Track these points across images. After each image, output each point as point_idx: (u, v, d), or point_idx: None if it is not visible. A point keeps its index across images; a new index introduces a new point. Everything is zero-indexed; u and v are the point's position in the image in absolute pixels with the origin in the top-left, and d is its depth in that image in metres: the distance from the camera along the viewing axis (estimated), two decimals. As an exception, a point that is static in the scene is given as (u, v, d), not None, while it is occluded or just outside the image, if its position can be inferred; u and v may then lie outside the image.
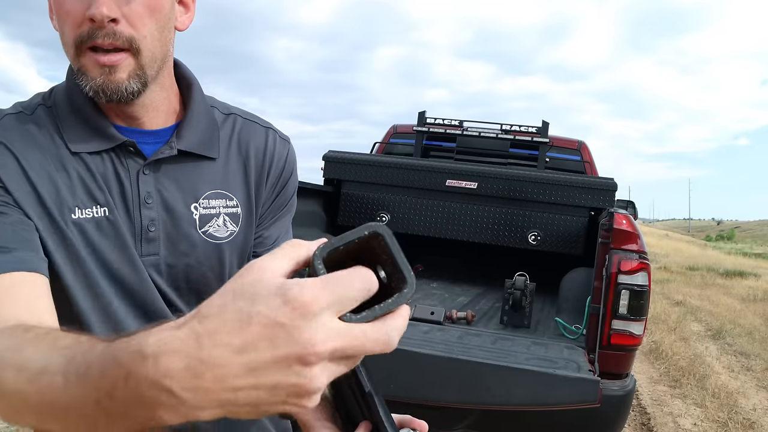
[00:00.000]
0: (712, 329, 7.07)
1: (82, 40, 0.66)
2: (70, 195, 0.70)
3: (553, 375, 1.97)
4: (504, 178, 3.21)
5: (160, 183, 0.75)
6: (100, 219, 0.72)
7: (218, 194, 0.79)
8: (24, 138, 0.70)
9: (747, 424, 3.95)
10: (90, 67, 0.68)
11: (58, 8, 0.68)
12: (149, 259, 0.74)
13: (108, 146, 0.73)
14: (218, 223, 0.78)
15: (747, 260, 19.10)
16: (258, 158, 0.82)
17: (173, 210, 0.76)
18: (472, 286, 3.54)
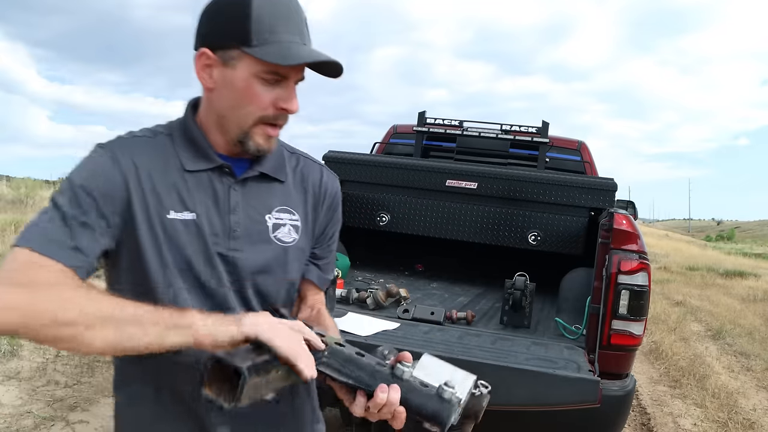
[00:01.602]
0: (712, 329, 7.07)
1: (266, 119, 0.94)
2: (169, 201, 0.94)
3: (553, 375, 1.97)
4: (504, 178, 3.20)
5: (244, 197, 1.00)
6: (187, 221, 0.95)
7: (285, 209, 1.04)
8: (146, 157, 0.95)
9: (747, 424, 3.95)
10: (259, 135, 0.95)
11: (248, 91, 0.92)
12: (234, 253, 0.97)
13: (211, 166, 0.98)
14: (285, 231, 1.03)
15: (747, 260, 19.10)
16: (315, 188, 1.09)
17: (253, 218, 1.00)
18: (472, 286, 3.54)
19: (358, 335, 2.18)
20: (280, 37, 0.90)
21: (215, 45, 0.92)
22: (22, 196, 11.40)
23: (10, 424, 2.95)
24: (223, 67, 0.92)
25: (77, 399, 3.31)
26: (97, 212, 0.89)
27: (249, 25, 0.89)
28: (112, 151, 0.93)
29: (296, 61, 0.90)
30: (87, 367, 3.78)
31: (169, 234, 0.93)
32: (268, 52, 0.89)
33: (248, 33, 0.89)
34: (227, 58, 0.91)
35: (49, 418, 3.05)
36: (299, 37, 0.93)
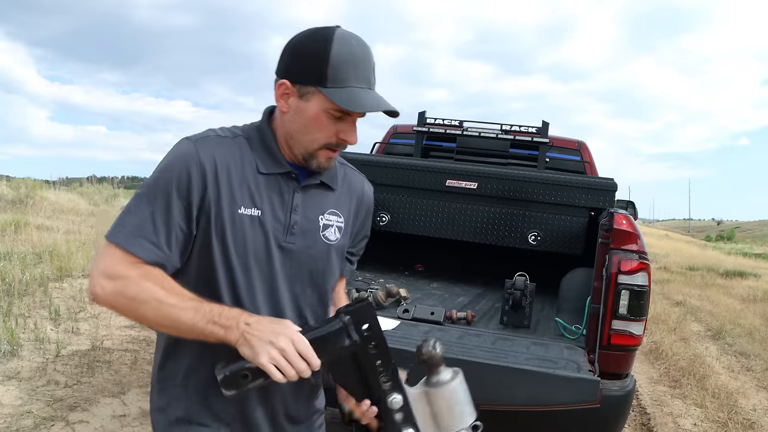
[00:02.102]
0: (712, 329, 7.07)
1: (329, 145, 1.12)
2: (241, 197, 1.11)
3: (553, 375, 1.97)
4: (504, 178, 3.20)
5: (304, 200, 1.18)
6: (253, 216, 1.12)
7: (334, 213, 1.23)
8: (226, 155, 1.11)
9: (747, 424, 3.95)
10: (322, 156, 1.14)
11: (317, 122, 1.09)
12: (289, 245, 1.15)
13: (281, 171, 1.15)
14: (331, 231, 1.22)
15: (747, 260, 19.09)
16: (358, 196, 1.30)
17: (309, 217, 1.19)
18: (472, 286, 3.54)
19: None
20: (350, 83, 1.07)
21: (295, 79, 1.09)
22: (22, 196, 11.40)
23: (10, 424, 2.95)
24: (299, 98, 1.09)
25: (77, 399, 3.30)
26: (180, 207, 1.07)
27: (326, 69, 1.06)
28: (195, 146, 1.09)
29: (360, 109, 1.08)
30: (87, 367, 3.78)
31: (237, 226, 1.10)
32: (339, 97, 1.06)
33: (324, 76, 1.06)
34: (304, 92, 1.09)
35: (49, 418, 3.05)
36: (366, 83, 1.09)
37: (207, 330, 1.01)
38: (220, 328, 1.01)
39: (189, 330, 1.03)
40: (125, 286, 1.03)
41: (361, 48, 1.09)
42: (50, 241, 6.85)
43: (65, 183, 16.95)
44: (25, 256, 5.90)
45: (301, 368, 0.98)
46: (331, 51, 1.06)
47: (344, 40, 1.07)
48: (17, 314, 4.40)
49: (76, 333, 4.43)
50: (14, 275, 5.03)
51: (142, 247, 1.04)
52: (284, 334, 0.99)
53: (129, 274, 1.03)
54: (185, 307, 1.02)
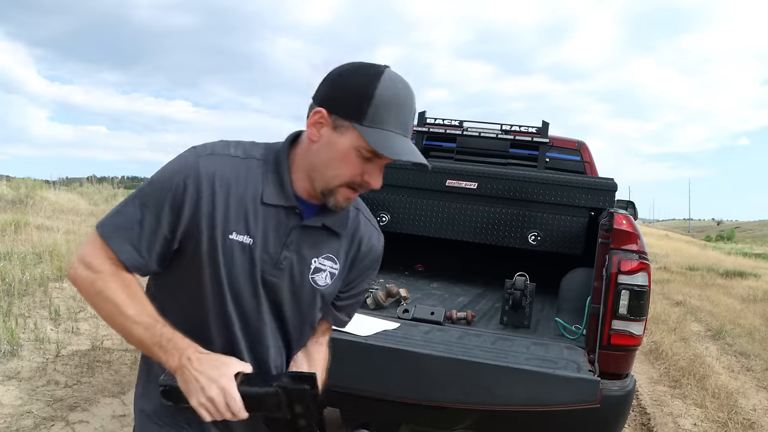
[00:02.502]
0: (712, 329, 7.07)
1: (352, 183, 1.07)
2: (235, 222, 1.07)
3: (553, 375, 1.97)
4: (504, 178, 3.20)
5: (301, 239, 1.12)
6: (244, 244, 1.08)
7: (330, 258, 1.17)
8: (230, 177, 1.07)
9: (747, 424, 3.95)
10: (341, 195, 1.08)
11: (346, 158, 1.04)
12: (272, 279, 1.11)
13: (285, 205, 1.10)
14: (322, 276, 1.17)
15: (747, 260, 19.09)
16: (363, 246, 1.22)
17: (302, 257, 1.13)
18: (472, 286, 3.54)
19: (358, 335, 2.18)
20: (389, 127, 1.02)
21: (333, 110, 1.04)
22: (22, 196, 11.39)
23: (10, 424, 2.95)
24: (332, 130, 1.05)
25: (77, 399, 3.30)
26: (170, 220, 1.05)
27: (367, 107, 1.01)
28: (199, 161, 1.07)
29: (394, 156, 1.02)
30: (87, 367, 3.79)
31: (227, 252, 1.07)
32: (373, 138, 1.01)
33: (364, 113, 1.01)
34: (338, 124, 1.04)
35: (49, 418, 3.05)
36: (403, 130, 1.05)
37: (152, 351, 1.04)
38: (163, 354, 1.02)
39: (136, 344, 1.06)
40: (95, 279, 1.05)
41: (406, 92, 1.05)
42: (50, 241, 6.84)
43: (65, 183, 16.96)
44: (25, 256, 5.90)
45: (228, 418, 1.00)
46: (377, 89, 1.01)
47: (392, 82, 1.03)
48: (17, 314, 4.40)
49: (76, 333, 4.43)
50: (14, 275, 5.03)
51: (124, 248, 1.05)
52: (218, 383, 0.99)
53: (102, 270, 1.05)
54: (139, 321, 1.03)
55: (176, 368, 1.01)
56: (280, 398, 1.03)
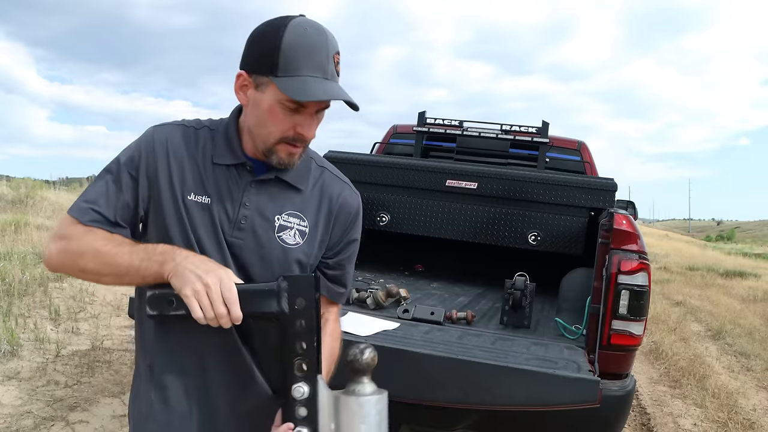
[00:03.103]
0: (712, 329, 7.07)
1: (286, 139, 1.06)
2: (192, 184, 1.09)
3: (553, 375, 1.97)
4: (504, 178, 3.20)
5: (259, 195, 1.12)
6: (203, 204, 1.09)
7: (295, 215, 1.14)
8: (181, 142, 1.11)
9: (747, 424, 3.95)
10: (282, 151, 1.07)
11: (271, 114, 1.04)
12: (236, 240, 1.10)
13: (235, 162, 1.11)
14: (290, 234, 1.13)
15: (747, 260, 19.09)
16: (332, 201, 1.18)
17: (263, 215, 1.12)
18: (472, 286, 3.54)
19: (358, 335, 2.18)
20: (302, 72, 1.01)
21: (251, 69, 1.05)
22: (22, 196, 11.39)
23: (10, 424, 2.95)
24: (255, 90, 1.05)
25: (77, 399, 3.30)
26: (130, 185, 1.08)
27: (277, 57, 1.01)
28: (153, 130, 1.12)
29: (306, 98, 1.00)
30: (87, 367, 3.79)
31: (189, 211, 1.08)
32: (287, 86, 1.00)
33: (276, 64, 1.01)
34: (259, 82, 1.04)
35: (49, 418, 3.05)
36: (321, 72, 1.02)
37: (143, 267, 1.01)
38: (154, 263, 1.00)
39: (127, 271, 1.02)
40: (68, 243, 1.05)
41: (317, 35, 1.03)
42: (50, 241, 6.84)
43: (65, 183, 16.94)
44: (25, 256, 5.90)
45: (221, 312, 0.95)
46: (283, 38, 1.01)
47: (299, 28, 1.02)
48: (17, 314, 4.40)
49: (76, 333, 4.43)
50: (14, 275, 5.02)
51: (90, 215, 1.06)
52: (215, 272, 0.97)
53: (72, 232, 1.05)
54: (121, 251, 1.02)
55: (170, 269, 0.99)
56: (280, 293, 0.98)
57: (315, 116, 1.06)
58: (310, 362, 0.97)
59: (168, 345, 1.14)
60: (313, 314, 0.97)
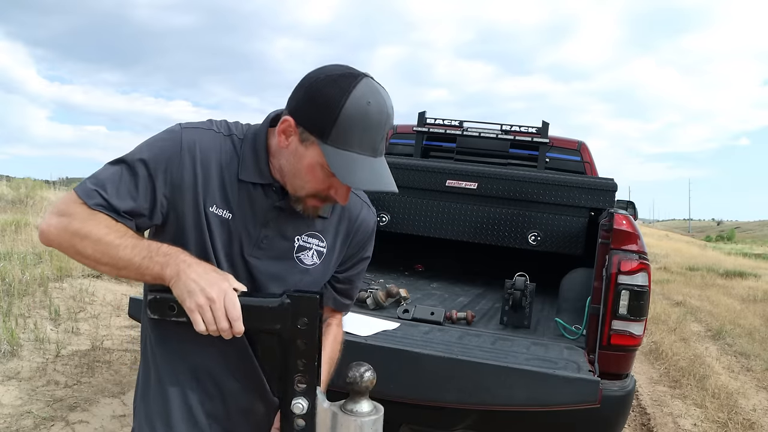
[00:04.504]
0: (712, 330, 7.07)
1: (318, 194, 1.05)
2: (215, 195, 1.08)
3: (553, 375, 1.97)
4: (504, 178, 3.20)
5: (281, 216, 1.11)
6: (223, 218, 1.08)
7: (315, 235, 1.15)
8: (211, 148, 1.08)
9: (747, 424, 3.95)
10: (309, 203, 1.08)
11: (312, 172, 1.02)
12: (253, 260, 1.10)
13: (262, 182, 1.09)
14: (308, 255, 1.14)
15: (747, 261, 19.09)
16: (351, 221, 1.19)
17: (283, 235, 1.12)
18: (472, 287, 3.54)
19: (358, 335, 2.18)
20: (353, 149, 0.98)
21: (300, 122, 1.01)
22: (22, 196, 11.39)
23: (10, 424, 2.95)
24: (300, 142, 1.02)
25: (77, 399, 3.30)
26: (146, 184, 1.04)
27: (332, 126, 0.97)
28: (183, 131, 1.08)
29: (351, 185, 0.99)
30: (87, 367, 3.78)
31: (207, 225, 1.07)
32: (335, 161, 0.98)
33: (329, 132, 0.97)
34: (305, 137, 1.01)
35: (49, 418, 3.05)
36: (371, 151, 0.99)
37: (143, 266, 0.98)
38: (156, 264, 0.98)
39: (126, 266, 1.00)
40: (70, 222, 1.01)
41: (378, 114, 0.98)
42: (50, 241, 6.84)
43: (65, 183, 16.93)
44: (25, 256, 5.90)
45: (223, 327, 0.94)
46: (344, 107, 0.96)
47: (362, 99, 0.96)
48: (17, 314, 4.40)
49: (76, 333, 4.43)
50: (14, 275, 5.02)
51: (96, 200, 1.01)
52: (219, 286, 0.95)
53: (76, 212, 1.01)
54: (124, 244, 0.99)
55: (173, 275, 0.96)
56: (285, 308, 0.97)
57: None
58: (309, 379, 1.00)
59: (171, 346, 1.14)
60: (315, 333, 0.99)
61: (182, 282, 0.95)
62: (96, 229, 1.00)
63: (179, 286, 0.96)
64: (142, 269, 0.99)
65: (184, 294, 0.95)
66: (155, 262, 0.98)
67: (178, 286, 0.96)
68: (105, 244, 0.99)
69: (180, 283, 0.95)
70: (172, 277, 0.97)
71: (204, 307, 0.93)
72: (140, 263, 0.99)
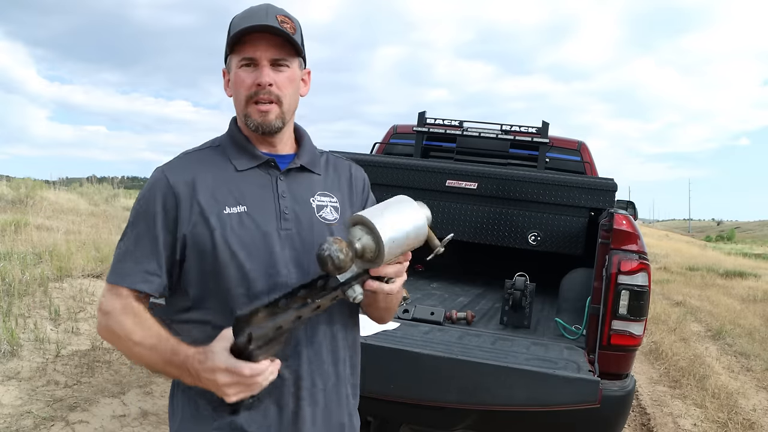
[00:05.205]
0: (712, 330, 7.07)
1: (251, 97, 1.13)
2: (222, 199, 1.12)
3: (553, 375, 1.97)
4: (504, 178, 3.20)
5: (290, 185, 1.18)
6: (240, 213, 1.12)
7: (324, 194, 1.22)
8: (190, 169, 1.13)
9: (747, 424, 3.95)
10: (254, 112, 1.14)
11: (236, 80, 1.13)
12: (286, 232, 1.14)
13: (258, 163, 1.16)
14: (327, 211, 1.20)
15: (747, 261, 19.09)
16: (347, 177, 1.28)
17: (300, 201, 1.18)
18: (472, 287, 3.54)
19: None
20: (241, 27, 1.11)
21: (225, 61, 1.17)
22: (22, 196, 11.39)
23: (10, 424, 2.95)
24: (229, 75, 1.17)
25: (77, 399, 3.30)
26: (160, 236, 1.10)
27: (229, 33, 1.13)
28: (164, 173, 1.13)
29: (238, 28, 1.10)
30: (87, 367, 3.78)
31: (227, 226, 1.10)
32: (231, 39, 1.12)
33: (230, 44, 1.13)
34: (228, 68, 1.16)
35: (49, 418, 3.05)
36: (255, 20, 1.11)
37: (168, 372, 1.05)
38: (176, 370, 1.03)
39: (155, 370, 1.08)
40: (108, 321, 1.09)
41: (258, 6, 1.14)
42: (50, 241, 6.84)
43: (65, 183, 16.94)
44: (25, 256, 5.90)
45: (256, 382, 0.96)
46: (232, 21, 1.14)
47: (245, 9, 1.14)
48: (17, 314, 4.40)
49: (76, 333, 4.43)
50: (14, 275, 5.02)
51: (126, 279, 1.09)
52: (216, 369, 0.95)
53: (112, 308, 1.09)
54: (144, 344, 1.05)
55: (194, 383, 1.01)
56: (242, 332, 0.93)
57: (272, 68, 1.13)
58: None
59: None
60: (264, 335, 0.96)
61: (205, 386, 1.00)
62: (125, 326, 1.07)
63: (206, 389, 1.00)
64: (168, 373, 1.06)
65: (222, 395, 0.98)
66: (174, 367, 1.03)
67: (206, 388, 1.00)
68: (133, 345, 1.07)
69: (205, 387, 1.00)
70: (196, 384, 1.01)
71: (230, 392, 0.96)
72: (164, 369, 1.05)
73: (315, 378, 1.14)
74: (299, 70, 1.19)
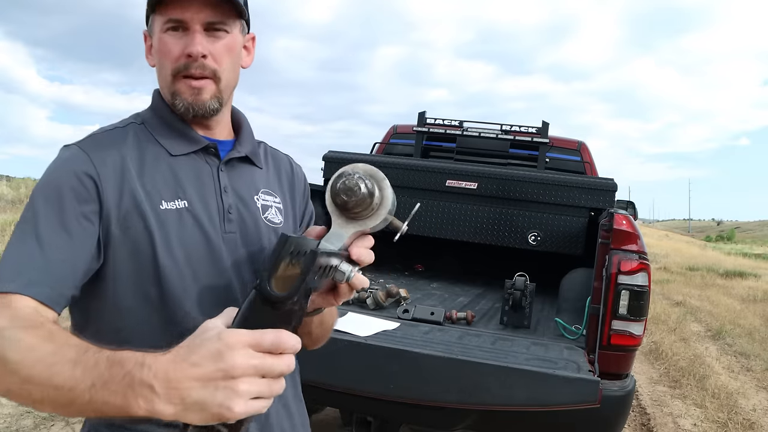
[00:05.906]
0: (712, 330, 7.07)
1: (179, 70, 0.89)
2: (156, 190, 0.88)
3: (553, 375, 1.97)
4: (504, 178, 3.20)
5: (231, 179, 0.96)
6: (180, 209, 0.89)
7: (268, 192, 1.01)
8: (114, 150, 0.88)
9: (747, 424, 3.95)
10: (183, 90, 0.90)
11: (161, 47, 0.89)
12: (229, 236, 0.92)
13: (197, 148, 0.93)
14: (273, 213, 1.00)
15: (747, 261, 19.10)
16: (288, 175, 1.08)
17: (243, 199, 0.96)
18: (472, 287, 3.54)
19: (358, 335, 2.18)
20: None
21: (147, 22, 0.94)
22: (22, 196, 11.39)
23: (10, 424, 2.95)
24: (151, 40, 0.93)
25: (77, 399, 3.31)
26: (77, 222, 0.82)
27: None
28: (77, 149, 0.86)
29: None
30: (87, 367, 3.79)
31: (163, 225, 0.86)
32: (161, 5, 0.88)
33: (151, 1, 0.90)
34: (151, 31, 0.93)
35: (49, 418, 3.05)
36: None
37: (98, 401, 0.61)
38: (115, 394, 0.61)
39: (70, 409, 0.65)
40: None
41: None
42: (50, 241, 6.84)
43: (65, 183, 16.95)
44: (25, 256, 5.90)
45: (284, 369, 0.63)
46: None
47: None
48: (17, 314, 4.40)
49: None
50: (14, 275, 5.03)
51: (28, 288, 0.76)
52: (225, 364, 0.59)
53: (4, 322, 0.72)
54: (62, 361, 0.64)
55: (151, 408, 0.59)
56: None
57: (206, 34, 0.89)
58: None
59: None
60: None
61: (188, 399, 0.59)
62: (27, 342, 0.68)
63: (192, 408, 0.59)
64: (98, 405, 0.62)
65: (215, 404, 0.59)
66: (115, 389, 0.61)
67: (190, 408, 0.59)
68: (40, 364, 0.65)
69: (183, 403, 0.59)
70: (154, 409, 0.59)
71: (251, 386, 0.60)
72: (91, 397, 0.62)
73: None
74: (241, 36, 0.95)
